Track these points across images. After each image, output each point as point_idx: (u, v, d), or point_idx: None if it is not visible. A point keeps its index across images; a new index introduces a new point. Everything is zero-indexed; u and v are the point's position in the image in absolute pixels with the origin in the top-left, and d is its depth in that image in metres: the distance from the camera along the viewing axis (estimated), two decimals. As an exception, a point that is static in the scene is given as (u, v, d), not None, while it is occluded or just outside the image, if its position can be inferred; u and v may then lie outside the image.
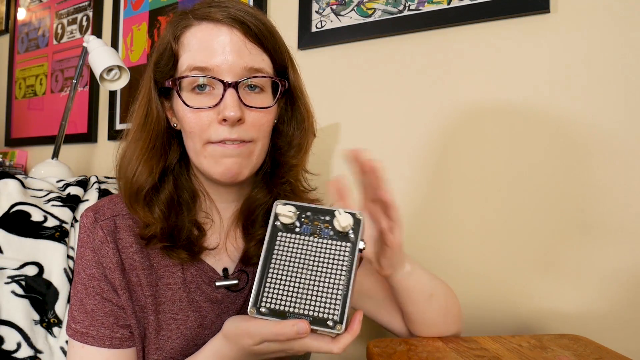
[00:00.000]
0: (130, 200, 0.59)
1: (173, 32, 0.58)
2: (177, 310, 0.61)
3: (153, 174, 0.59)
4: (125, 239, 0.60)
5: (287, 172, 0.64)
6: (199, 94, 0.56)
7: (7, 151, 1.97)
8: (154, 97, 0.60)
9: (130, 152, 0.60)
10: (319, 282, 0.47)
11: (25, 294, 0.84)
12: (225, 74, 0.55)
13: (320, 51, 1.14)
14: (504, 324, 0.87)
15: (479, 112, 0.93)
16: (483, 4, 0.92)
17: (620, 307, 0.79)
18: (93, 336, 0.57)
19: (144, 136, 0.59)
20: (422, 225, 0.99)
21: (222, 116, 0.54)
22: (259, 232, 0.64)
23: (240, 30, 0.56)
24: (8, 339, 0.81)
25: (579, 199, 0.83)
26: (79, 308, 0.58)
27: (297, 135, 0.65)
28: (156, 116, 0.59)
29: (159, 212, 0.59)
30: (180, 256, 0.60)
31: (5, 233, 0.86)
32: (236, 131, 0.56)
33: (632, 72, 0.80)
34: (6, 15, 2.09)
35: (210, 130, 0.56)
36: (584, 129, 0.83)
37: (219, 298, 0.63)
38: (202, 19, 0.57)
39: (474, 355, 0.63)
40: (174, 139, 0.62)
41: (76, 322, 0.58)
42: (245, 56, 0.56)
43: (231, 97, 0.54)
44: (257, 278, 0.47)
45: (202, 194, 0.64)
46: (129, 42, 1.59)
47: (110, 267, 0.58)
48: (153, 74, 0.60)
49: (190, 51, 0.56)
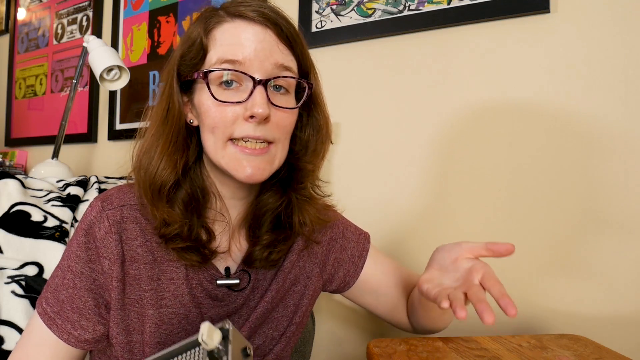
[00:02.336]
0: (152, 197, 0.58)
1: (205, 26, 0.57)
2: (179, 305, 0.61)
3: (177, 168, 0.58)
4: (131, 230, 0.59)
5: (305, 176, 0.64)
6: (226, 90, 0.56)
7: (7, 151, 1.97)
8: (176, 91, 0.59)
9: (152, 147, 0.58)
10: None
11: (25, 294, 0.84)
12: (255, 71, 0.55)
13: (320, 51, 1.14)
14: (504, 324, 0.87)
15: (479, 112, 0.93)
16: (483, 4, 0.92)
17: (620, 307, 0.79)
18: (57, 325, 0.58)
19: (167, 130, 0.58)
20: (423, 224, 0.99)
21: (251, 112, 0.54)
22: (264, 237, 0.64)
23: (273, 31, 0.56)
24: (8, 339, 0.81)
25: (579, 198, 0.83)
26: (53, 292, 0.59)
27: (312, 140, 0.64)
28: (178, 111, 0.59)
29: (179, 210, 0.58)
30: (193, 259, 0.59)
31: (5, 233, 0.86)
32: (261, 129, 0.55)
33: (632, 72, 0.80)
34: (6, 15, 2.09)
35: (234, 126, 0.55)
36: (584, 129, 0.83)
37: (219, 296, 0.63)
38: (236, 16, 0.56)
39: (474, 355, 0.63)
40: (192, 136, 0.62)
41: (48, 304, 0.59)
42: (276, 54, 0.56)
43: (260, 95, 0.54)
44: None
45: (214, 193, 0.63)
46: (129, 42, 1.59)
47: (110, 259, 0.58)
48: (177, 67, 0.59)
49: (222, 45, 0.56)
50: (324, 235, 0.73)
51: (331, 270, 0.74)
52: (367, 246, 0.76)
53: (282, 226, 0.65)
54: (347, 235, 0.75)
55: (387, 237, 1.02)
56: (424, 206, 0.99)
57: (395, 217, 1.03)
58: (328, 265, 0.73)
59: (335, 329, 1.10)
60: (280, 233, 0.64)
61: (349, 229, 0.76)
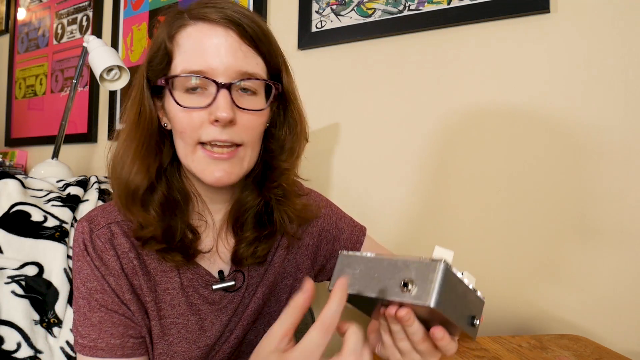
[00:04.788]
0: (126, 201, 0.58)
1: (168, 31, 0.57)
2: (177, 315, 0.61)
3: (150, 172, 0.58)
4: (123, 244, 0.59)
5: (279, 176, 0.64)
6: (192, 94, 0.56)
7: (7, 151, 1.97)
8: (146, 95, 0.59)
9: (125, 151, 0.59)
10: None
11: (25, 294, 0.84)
12: (219, 76, 0.55)
13: (320, 51, 1.14)
14: (504, 324, 0.87)
15: (479, 112, 0.93)
16: (483, 4, 0.92)
17: (620, 307, 0.79)
18: (102, 348, 0.56)
19: (138, 135, 0.58)
20: (422, 225, 0.99)
21: (214, 117, 0.54)
22: (247, 234, 0.64)
23: (235, 32, 0.56)
24: (8, 339, 0.81)
25: (578, 200, 0.83)
26: (84, 323, 0.57)
27: (289, 139, 0.64)
28: (149, 114, 0.59)
29: (154, 213, 0.58)
30: (175, 259, 0.59)
31: (5, 233, 0.86)
32: (227, 133, 0.55)
33: (632, 72, 0.79)
34: (6, 15, 2.09)
35: (201, 130, 0.55)
36: (584, 129, 0.83)
37: (216, 299, 0.63)
38: (198, 19, 0.56)
39: (474, 356, 0.63)
40: (166, 139, 0.62)
41: (83, 337, 0.57)
42: (239, 59, 0.56)
43: (224, 98, 0.54)
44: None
45: (195, 195, 0.63)
46: (129, 42, 1.59)
47: (114, 274, 0.58)
48: (146, 72, 0.59)
49: (185, 52, 0.56)
50: (314, 226, 0.72)
51: (322, 261, 0.74)
52: (361, 238, 0.76)
53: (263, 223, 0.65)
54: (340, 226, 0.75)
55: (385, 236, 1.02)
56: (423, 206, 0.99)
57: (393, 217, 1.03)
58: (319, 256, 0.73)
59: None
60: (262, 230, 0.64)
61: (343, 220, 0.76)
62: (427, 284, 0.39)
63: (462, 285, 0.41)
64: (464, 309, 0.41)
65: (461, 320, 0.41)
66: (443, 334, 0.42)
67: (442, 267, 0.39)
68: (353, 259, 0.45)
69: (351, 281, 0.44)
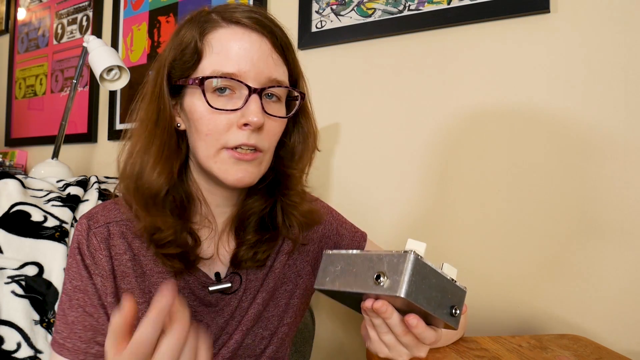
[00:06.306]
0: (145, 204, 0.56)
1: (200, 30, 0.56)
2: None
3: (173, 174, 0.57)
4: (119, 245, 0.59)
5: (293, 183, 0.64)
6: (219, 96, 0.55)
7: (7, 151, 1.97)
8: (165, 93, 0.58)
9: (144, 151, 0.57)
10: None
11: (25, 294, 0.84)
12: (250, 81, 0.55)
13: (320, 51, 1.14)
14: (504, 324, 0.87)
15: (479, 112, 0.93)
16: (483, 4, 0.92)
17: (620, 307, 0.79)
18: (68, 348, 0.57)
19: (159, 133, 0.57)
20: (423, 225, 0.99)
21: (246, 120, 0.54)
22: (249, 237, 0.64)
23: (269, 40, 0.56)
24: (8, 339, 0.81)
25: (579, 199, 0.83)
26: (61, 318, 0.58)
27: (299, 148, 0.64)
28: (169, 113, 0.58)
29: (173, 216, 0.58)
30: (175, 265, 0.59)
31: (5, 233, 0.86)
32: (254, 138, 0.55)
33: (632, 72, 0.80)
34: (6, 15, 2.09)
35: (228, 134, 0.55)
36: (584, 129, 0.83)
37: (212, 301, 0.63)
38: (232, 22, 0.56)
39: (474, 356, 0.63)
40: (181, 139, 0.61)
41: (57, 333, 0.58)
42: (270, 66, 0.56)
43: (255, 103, 0.54)
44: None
45: (199, 199, 0.63)
46: (129, 42, 1.59)
47: (102, 275, 0.58)
48: (168, 70, 0.58)
49: (218, 54, 0.55)
50: (315, 232, 0.72)
51: None
52: (362, 244, 0.76)
53: (266, 227, 0.65)
54: (341, 232, 0.75)
55: (386, 237, 1.02)
56: (423, 206, 0.99)
57: (394, 218, 1.03)
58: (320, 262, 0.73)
59: (336, 329, 1.10)
60: (265, 233, 0.65)
61: (344, 227, 0.76)
62: (397, 275, 0.40)
63: (437, 275, 0.42)
64: (441, 299, 0.42)
65: (439, 310, 0.42)
66: (417, 321, 0.43)
67: (412, 258, 0.40)
68: (335, 257, 0.47)
69: (332, 278, 0.46)
